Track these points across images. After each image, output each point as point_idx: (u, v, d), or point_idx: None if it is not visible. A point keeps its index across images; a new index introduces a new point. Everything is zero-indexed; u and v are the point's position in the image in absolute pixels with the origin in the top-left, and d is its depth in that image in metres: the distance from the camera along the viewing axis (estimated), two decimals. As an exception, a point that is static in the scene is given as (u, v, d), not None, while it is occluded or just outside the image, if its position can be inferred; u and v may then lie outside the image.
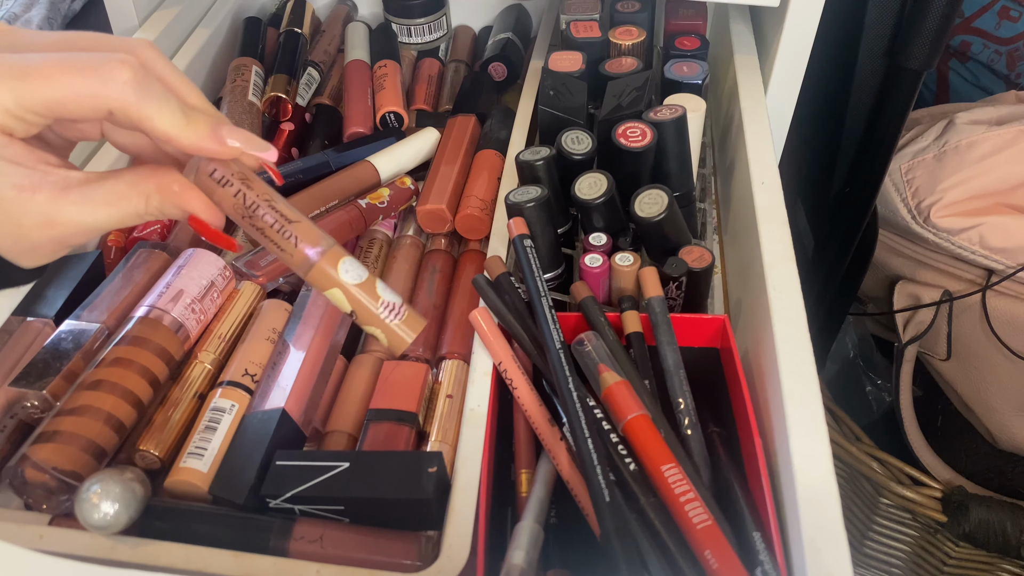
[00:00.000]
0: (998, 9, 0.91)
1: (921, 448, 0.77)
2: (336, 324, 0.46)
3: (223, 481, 0.38)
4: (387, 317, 0.34)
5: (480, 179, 0.55)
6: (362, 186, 0.55)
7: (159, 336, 0.42)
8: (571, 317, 0.42)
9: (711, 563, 0.32)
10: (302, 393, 0.42)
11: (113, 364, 0.40)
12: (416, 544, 0.36)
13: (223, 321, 0.46)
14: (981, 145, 0.72)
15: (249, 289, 0.48)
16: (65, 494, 0.37)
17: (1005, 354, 0.75)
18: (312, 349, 0.44)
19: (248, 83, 0.62)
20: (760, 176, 0.48)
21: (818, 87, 0.63)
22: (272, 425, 0.40)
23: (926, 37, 0.62)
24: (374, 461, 0.37)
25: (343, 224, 0.53)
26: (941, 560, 0.76)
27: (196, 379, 0.43)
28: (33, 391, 0.40)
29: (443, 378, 0.46)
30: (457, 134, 0.60)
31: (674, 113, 0.45)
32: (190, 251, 0.47)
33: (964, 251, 0.73)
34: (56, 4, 0.93)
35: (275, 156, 0.34)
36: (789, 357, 0.38)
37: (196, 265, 0.46)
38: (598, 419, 0.37)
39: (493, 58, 0.66)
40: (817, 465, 0.34)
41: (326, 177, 0.55)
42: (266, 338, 0.45)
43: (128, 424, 0.39)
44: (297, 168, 0.56)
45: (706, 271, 0.43)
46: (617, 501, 0.33)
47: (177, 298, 0.44)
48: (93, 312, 0.44)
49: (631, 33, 0.56)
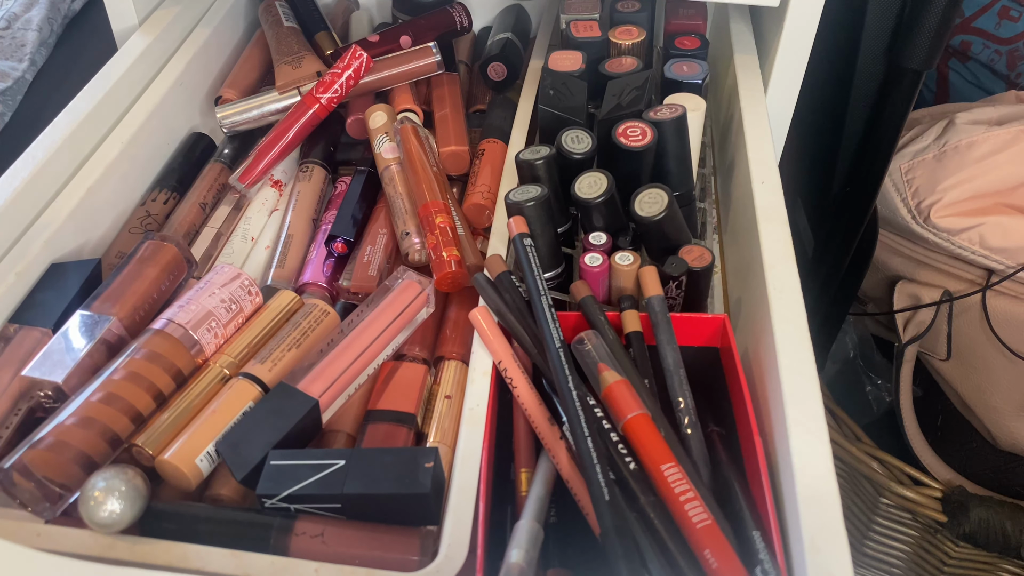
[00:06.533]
0: (998, 9, 0.91)
1: (921, 448, 0.76)
2: (396, 333, 0.45)
3: (231, 445, 0.38)
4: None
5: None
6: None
7: (174, 354, 0.42)
8: (571, 316, 0.42)
9: (711, 562, 0.32)
10: (336, 393, 0.42)
11: (124, 379, 0.40)
12: (417, 539, 0.36)
13: (248, 330, 0.45)
14: (981, 145, 0.71)
15: (283, 299, 0.47)
16: (51, 502, 0.37)
17: (1005, 354, 0.75)
18: (365, 355, 0.43)
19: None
20: (760, 176, 0.48)
21: (818, 87, 0.63)
22: (302, 411, 0.40)
23: (926, 37, 0.62)
24: (370, 458, 0.37)
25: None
26: (941, 560, 0.76)
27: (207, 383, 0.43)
28: (48, 380, 0.40)
29: (441, 379, 0.46)
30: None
31: (674, 113, 0.45)
32: (220, 266, 0.46)
33: (964, 251, 0.73)
34: (56, 4, 0.93)
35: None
36: (789, 357, 0.38)
37: (224, 284, 0.45)
38: (598, 418, 0.37)
39: (493, 58, 0.66)
40: (817, 465, 0.34)
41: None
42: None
43: (124, 437, 0.39)
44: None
45: (706, 270, 0.43)
46: (617, 500, 0.33)
47: (199, 318, 0.43)
48: (105, 303, 0.44)
49: (631, 33, 0.56)
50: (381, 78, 0.61)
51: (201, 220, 0.55)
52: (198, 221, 0.55)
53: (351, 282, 0.51)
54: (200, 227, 0.55)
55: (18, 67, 0.84)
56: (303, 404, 0.40)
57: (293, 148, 0.58)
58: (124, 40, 0.60)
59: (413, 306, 0.45)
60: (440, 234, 0.49)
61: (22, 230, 0.47)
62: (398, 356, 0.47)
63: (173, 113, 0.59)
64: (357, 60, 0.58)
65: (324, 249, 0.53)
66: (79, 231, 0.49)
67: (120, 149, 0.53)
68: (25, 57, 0.86)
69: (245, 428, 0.39)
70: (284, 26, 0.66)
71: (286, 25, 0.66)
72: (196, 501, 0.40)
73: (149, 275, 0.46)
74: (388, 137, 0.57)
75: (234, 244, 0.54)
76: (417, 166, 0.53)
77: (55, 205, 0.48)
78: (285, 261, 0.52)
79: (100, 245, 0.51)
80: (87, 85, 0.54)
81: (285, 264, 0.52)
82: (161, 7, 0.63)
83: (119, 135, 0.53)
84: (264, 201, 0.57)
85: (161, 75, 0.59)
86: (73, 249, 0.49)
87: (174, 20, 0.62)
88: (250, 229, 0.55)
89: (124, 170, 0.53)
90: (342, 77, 0.57)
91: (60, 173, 0.50)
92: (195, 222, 0.55)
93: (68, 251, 0.48)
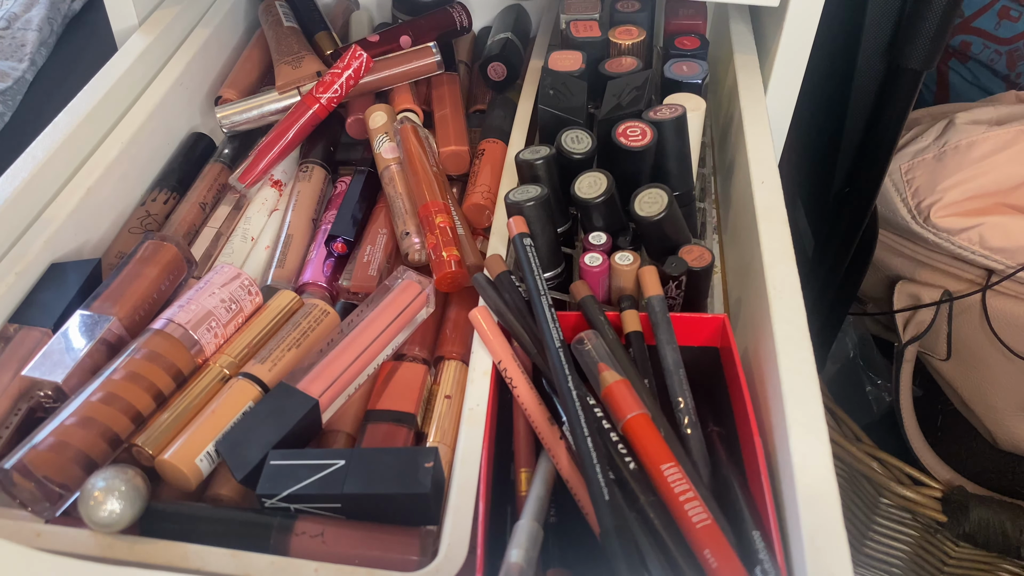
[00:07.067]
0: (998, 9, 0.91)
1: (921, 448, 0.76)
2: (396, 333, 0.45)
3: (231, 445, 0.38)
4: None
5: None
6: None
7: (174, 354, 0.42)
8: (571, 316, 0.42)
9: (710, 562, 0.32)
10: (336, 393, 0.42)
11: (123, 378, 0.40)
12: (417, 539, 0.36)
13: (248, 329, 0.45)
14: (981, 145, 0.71)
15: (282, 299, 0.47)
16: (51, 502, 0.37)
17: (1005, 354, 0.75)
18: (365, 355, 0.43)
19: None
20: (760, 176, 0.48)
21: (818, 87, 0.63)
22: (302, 411, 0.40)
23: (926, 37, 0.62)
24: (370, 458, 0.37)
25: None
26: (941, 560, 0.76)
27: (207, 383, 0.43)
28: (48, 380, 0.40)
29: (441, 379, 0.46)
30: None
31: (674, 112, 0.45)
32: (220, 266, 0.46)
33: (964, 251, 0.73)
34: (56, 4, 0.93)
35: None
36: (789, 357, 0.38)
37: (224, 284, 0.45)
38: (598, 418, 0.37)
39: (492, 58, 0.66)
40: (817, 465, 0.34)
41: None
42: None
43: (124, 437, 0.39)
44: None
45: (706, 270, 0.43)
46: (617, 500, 0.33)
47: (199, 318, 0.43)
48: (105, 303, 0.44)
49: (631, 33, 0.56)
50: (381, 78, 0.61)
51: (201, 220, 0.55)
52: (198, 221, 0.55)
53: (351, 282, 0.51)
54: (200, 227, 0.55)
55: (18, 67, 0.84)
56: (303, 404, 0.40)
57: (293, 148, 0.58)
58: (124, 40, 0.60)
59: (413, 306, 0.45)
60: (440, 234, 0.49)
61: (22, 230, 0.47)
62: (398, 356, 0.47)
63: (173, 113, 0.59)
64: (357, 60, 0.58)
65: (324, 249, 0.53)
66: (79, 231, 0.49)
67: (120, 149, 0.53)
68: (25, 57, 0.86)
69: (245, 428, 0.39)
70: (284, 26, 0.66)
71: (286, 25, 0.66)
72: (196, 501, 0.40)
73: (149, 275, 0.46)
74: (388, 137, 0.57)
75: (234, 244, 0.54)
76: (417, 166, 0.53)
77: (55, 205, 0.48)
78: (285, 261, 0.52)
79: (100, 245, 0.51)
80: (87, 85, 0.54)
81: (285, 264, 0.52)
82: (161, 7, 0.63)
83: (119, 135, 0.53)
84: (264, 201, 0.57)
85: (161, 75, 0.59)
86: (73, 249, 0.49)
87: (174, 20, 0.62)
88: (250, 229, 0.55)
89: (124, 170, 0.53)
90: (342, 77, 0.57)
91: (60, 173, 0.50)
92: (195, 222, 0.55)
93: (68, 251, 0.48)
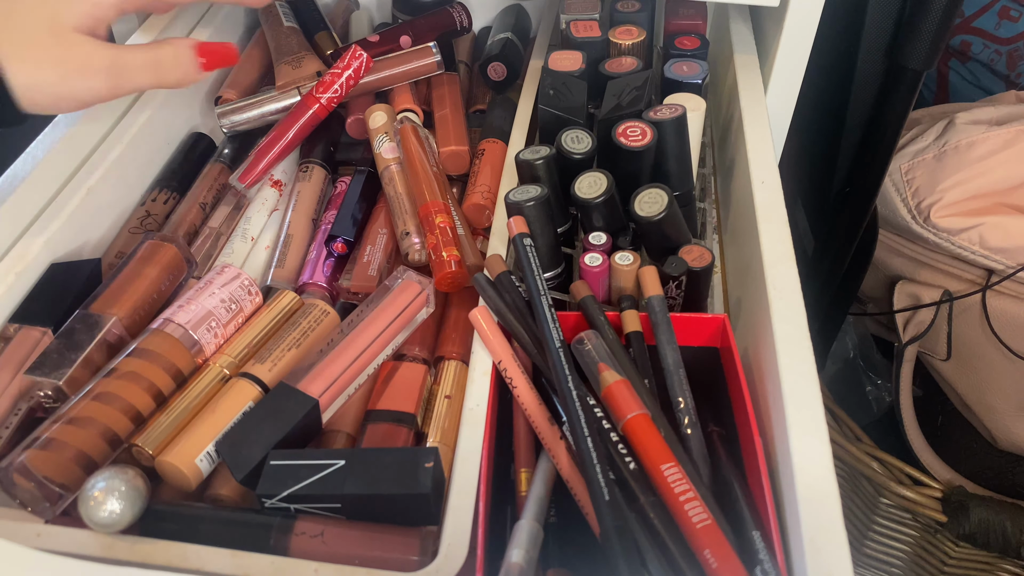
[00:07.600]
0: (998, 9, 0.91)
1: (921, 448, 0.77)
2: (396, 333, 0.45)
3: (231, 445, 0.38)
4: None
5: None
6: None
7: (173, 354, 0.42)
8: (571, 316, 0.42)
9: (710, 562, 0.32)
10: (336, 393, 0.42)
11: (123, 378, 0.40)
12: (417, 539, 0.36)
13: (248, 330, 0.45)
14: (981, 145, 0.72)
15: (284, 299, 0.47)
16: (51, 502, 0.37)
17: (1005, 354, 0.75)
18: (365, 355, 0.43)
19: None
20: (760, 176, 0.48)
21: (818, 87, 0.63)
22: (302, 412, 0.40)
23: (926, 37, 0.62)
24: (370, 458, 0.37)
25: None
26: (941, 560, 0.76)
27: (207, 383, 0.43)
28: (48, 380, 0.40)
29: (441, 379, 0.46)
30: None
31: (674, 112, 0.45)
32: (220, 266, 0.46)
33: (964, 251, 0.73)
34: (56, 4, 0.92)
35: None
36: (789, 357, 0.38)
37: (224, 284, 0.45)
38: (598, 418, 0.37)
39: (492, 58, 0.66)
40: (817, 465, 0.34)
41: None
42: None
43: (124, 437, 0.39)
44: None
45: (706, 270, 0.43)
46: (617, 500, 0.33)
47: (199, 318, 0.43)
48: (105, 303, 0.44)
49: (631, 33, 0.56)
50: (381, 78, 0.61)
51: (201, 220, 0.55)
52: (198, 221, 0.55)
53: (351, 282, 0.51)
54: (200, 227, 0.55)
55: (18, 67, 0.84)
56: (303, 404, 0.40)
57: (293, 148, 0.58)
58: (124, 40, 0.60)
59: (413, 306, 0.45)
60: (440, 234, 0.49)
61: (22, 230, 0.47)
62: (398, 356, 0.47)
63: (173, 113, 0.59)
64: (357, 60, 0.58)
65: (324, 249, 0.53)
66: (79, 231, 0.49)
67: (120, 149, 0.53)
68: (25, 57, 0.86)
69: (245, 428, 0.39)
70: (284, 26, 0.66)
71: (286, 25, 0.66)
72: (196, 501, 0.40)
73: (149, 275, 0.46)
74: (388, 137, 0.57)
75: (234, 244, 0.54)
76: (417, 166, 0.53)
77: (55, 205, 0.48)
78: (285, 261, 0.52)
79: (100, 245, 0.51)
80: (87, 85, 0.54)
81: (285, 264, 0.52)
82: (161, 7, 0.63)
83: (119, 135, 0.53)
84: (264, 201, 0.57)
85: (161, 75, 0.59)
86: (73, 249, 0.49)
87: (174, 20, 0.62)
88: (250, 229, 0.55)
89: (124, 170, 0.53)
90: (342, 77, 0.57)
91: (60, 173, 0.50)
92: (195, 222, 0.55)
93: (68, 251, 0.48)
